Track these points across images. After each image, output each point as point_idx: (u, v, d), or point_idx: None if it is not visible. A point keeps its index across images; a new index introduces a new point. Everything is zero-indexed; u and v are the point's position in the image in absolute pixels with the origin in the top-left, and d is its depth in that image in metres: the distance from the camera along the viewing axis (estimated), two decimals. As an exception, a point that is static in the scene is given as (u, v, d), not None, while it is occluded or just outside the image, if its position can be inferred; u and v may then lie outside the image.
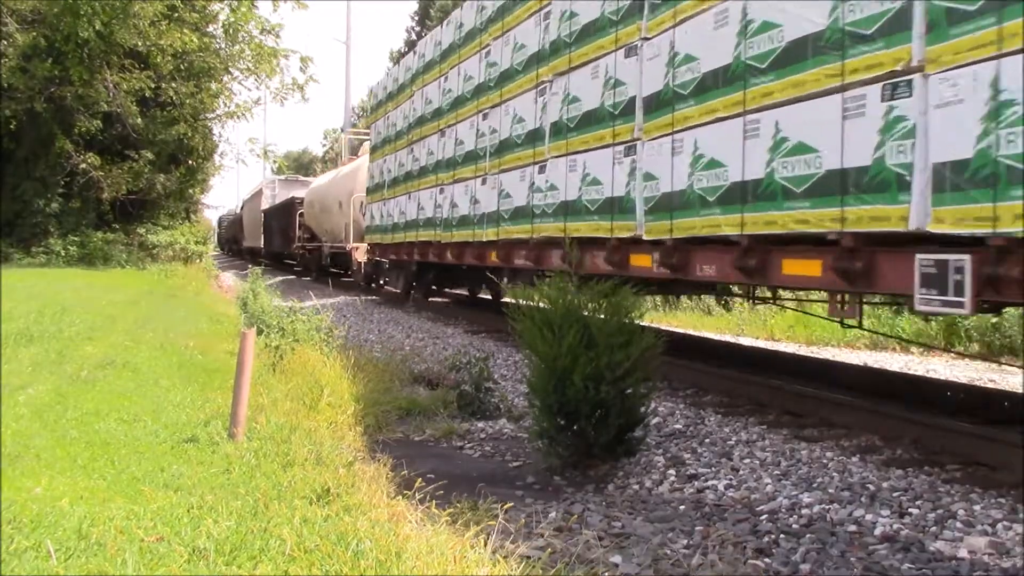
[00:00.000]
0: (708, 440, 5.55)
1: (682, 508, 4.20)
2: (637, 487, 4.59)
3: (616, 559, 3.46)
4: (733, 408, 6.61)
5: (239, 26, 22.21)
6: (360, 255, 19.03)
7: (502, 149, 9.68)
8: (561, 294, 4.96)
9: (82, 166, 21.56)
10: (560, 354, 4.69)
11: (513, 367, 8.64)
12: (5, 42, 20.55)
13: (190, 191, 25.31)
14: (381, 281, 19.35)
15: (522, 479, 4.80)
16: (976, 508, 4.12)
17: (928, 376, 8.30)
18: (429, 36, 13.68)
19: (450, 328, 12.53)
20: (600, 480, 4.72)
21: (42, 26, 20.51)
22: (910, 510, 4.09)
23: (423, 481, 4.07)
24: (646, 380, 4.85)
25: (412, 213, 13.66)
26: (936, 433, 5.33)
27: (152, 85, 21.26)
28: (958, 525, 3.89)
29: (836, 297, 5.46)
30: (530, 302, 5.34)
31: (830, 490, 4.42)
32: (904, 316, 10.78)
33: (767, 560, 3.48)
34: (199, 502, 3.46)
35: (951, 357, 10.13)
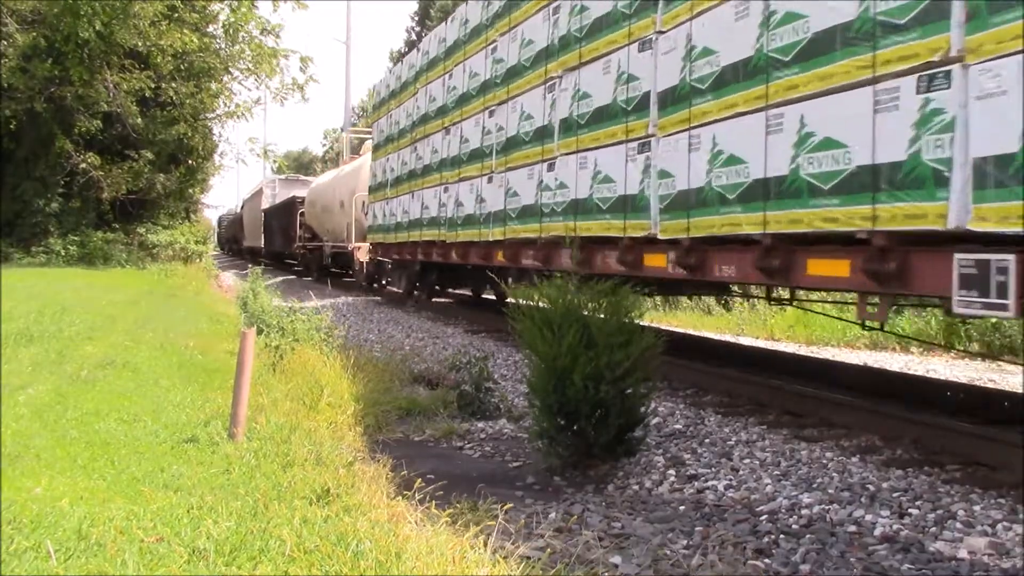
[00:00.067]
0: (708, 440, 5.55)
1: (682, 508, 4.20)
2: (637, 487, 4.59)
3: (616, 559, 3.46)
4: (733, 408, 6.61)
5: (239, 26, 22.22)
6: (362, 255, 18.82)
7: (509, 147, 9.52)
8: (561, 294, 4.96)
9: (82, 166, 21.58)
10: (560, 354, 4.69)
11: (513, 367, 8.64)
12: (5, 42, 20.56)
13: (190, 191, 25.33)
14: (383, 281, 19.16)
15: (522, 479, 4.80)
16: (976, 508, 4.12)
17: (928, 376, 8.30)
18: (433, 33, 13.46)
19: (450, 328, 12.53)
20: (600, 480, 4.72)
21: (42, 26, 20.52)
22: (910, 510, 4.09)
23: (423, 481, 4.07)
24: (646, 380, 4.84)
25: (416, 212, 13.48)
26: (936, 433, 5.33)
27: (152, 85, 21.27)
28: (958, 525, 3.89)
29: (865, 299, 5.25)
30: (530, 302, 5.33)
31: (830, 490, 4.42)
32: (904, 316, 10.78)
33: (767, 560, 3.48)
34: (199, 502, 3.46)
35: (951, 357, 10.13)
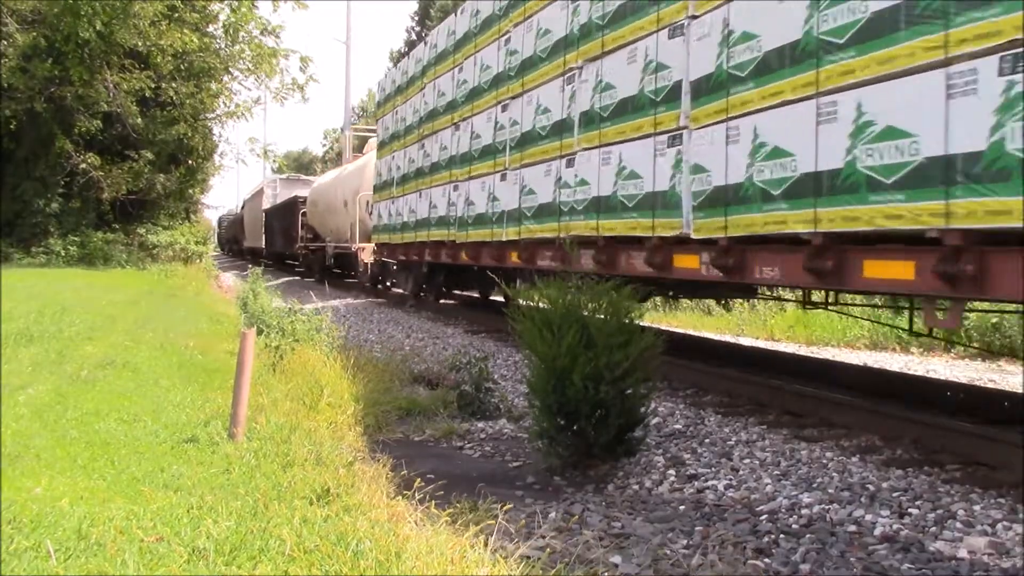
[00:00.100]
0: (708, 440, 5.55)
1: (682, 508, 4.20)
2: (637, 487, 4.59)
3: (616, 559, 3.46)
4: (733, 408, 6.61)
5: (239, 26, 22.23)
6: (366, 256, 18.45)
7: (524, 142, 9.17)
8: (561, 294, 4.96)
9: (82, 166, 21.60)
10: (559, 354, 4.69)
11: (513, 367, 8.64)
12: (5, 42, 20.58)
13: (190, 191, 25.36)
14: (387, 283, 18.77)
15: (522, 479, 4.80)
16: (976, 508, 4.12)
17: (928, 376, 8.31)
18: (442, 25, 13.06)
19: (450, 328, 12.53)
20: (600, 480, 4.72)
21: (42, 26, 20.54)
22: (910, 510, 4.09)
23: (423, 481, 4.07)
24: (646, 380, 4.84)
25: (423, 211, 13.10)
26: (936, 433, 5.32)
27: (152, 85, 21.29)
28: (958, 525, 3.89)
29: (933, 304, 4.88)
30: (530, 302, 5.33)
31: (830, 490, 4.42)
32: (904, 316, 10.77)
33: (767, 560, 3.48)
34: (199, 502, 3.47)
35: (951, 357, 10.13)
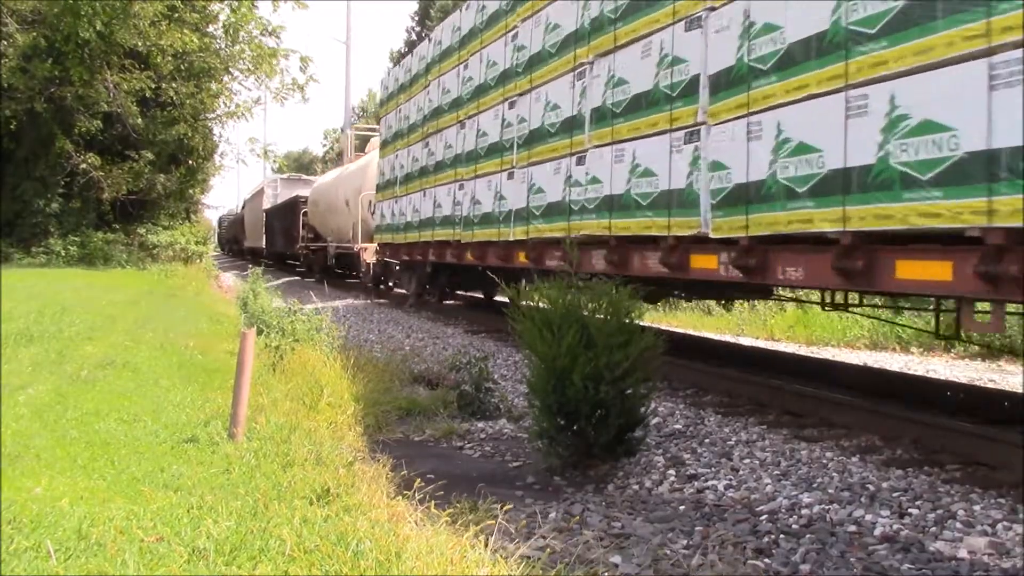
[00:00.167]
0: (708, 440, 5.55)
1: (682, 508, 4.20)
2: (637, 487, 4.59)
3: (616, 559, 3.46)
4: (733, 408, 6.61)
5: (239, 26, 22.23)
6: (369, 256, 18.15)
7: (532, 140, 8.96)
8: (561, 294, 4.96)
9: (82, 166, 21.60)
10: (559, 354, 4.69)
11: (513, 367, 8.64)
12: (5, 42, 20.58)
13: (190, 191, 25.35)
14: (390, 283, 18.49)
15: (522, 479, 4.80)
16: (976, 508, 4.12)
17: (928, 376, 8.30)
18: (447, 21, 12.76)
19: (450, 328, 12.53)
20: (600, 480, 4.72)
21: (42, 26, 20.54)
22: (910, 510, 4.09)
23: (423, 481, 4.07)
24: (646, 380, 4.84)
25: (427, 211, 12.90)
26: (936, 433, 5.32)
27: (152, 85, 21.29)
28: (958, 525, 3.89)
29: (971, 307, 4.69)
30: (531, 302, 5.33)
31: (830, 490, 4.42)
32: (904, 317, 10.78)
33: (767, 560, 3.48)
34: (199, 502, 3.47)
35: (951, 357, 10.13)
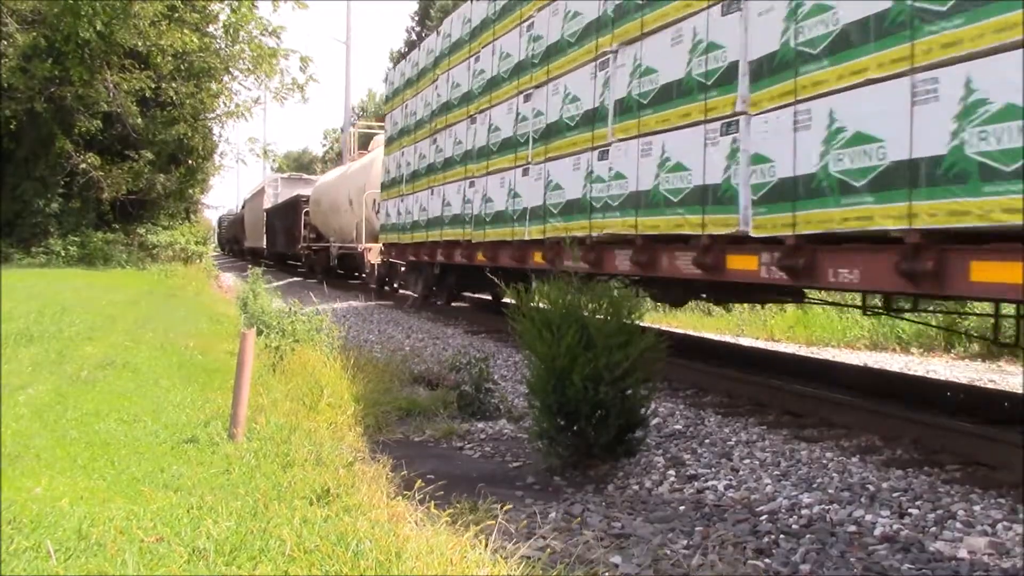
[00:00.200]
0: (708, 440, 5.55)
1: (682, 508, 4.21)
2: (637, 487, 4.59)
3: (616, 559, 3.46)
4: (733, 408, 6.61)
5: (239, 26, 22.23)
6: (373, 256, 17.68)
7: (549, 134, 8.51)
8: (561, 294, 4.96)
9: (82, 166, 21.60)
10: (559, 354, 4.69)
11: (513, 367, 8.64)
12: (5, 42, 20.58)
13: (190, 191, 25.34)
14: (395, 284, 17.97)
15: (522, 479, 4.80)
16: (976, 508, 4.12)
17: (928, 376, 8.31)
18: (456, 13, 12.25)
19: (450, 328, 12.53)
20: (600, 480, 4.72)
21: (42, 26, 20.54)
22: (910, 510, 4.09)
23: (423, 481, 4.07)
24: (646, 381, 4.84)
25: (436, 210, 12.46)
26: (936, 433, 5.32)
27: (152, 85, 21.29)
28: (958, 525, 3.89)
29: None
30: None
31: (830, 490, 4.42)
32: (903, 317, 10.77)
33: (767, 560, 3.48)
34: (199, 502, 3.47)
35: (951, 357, 10.13)
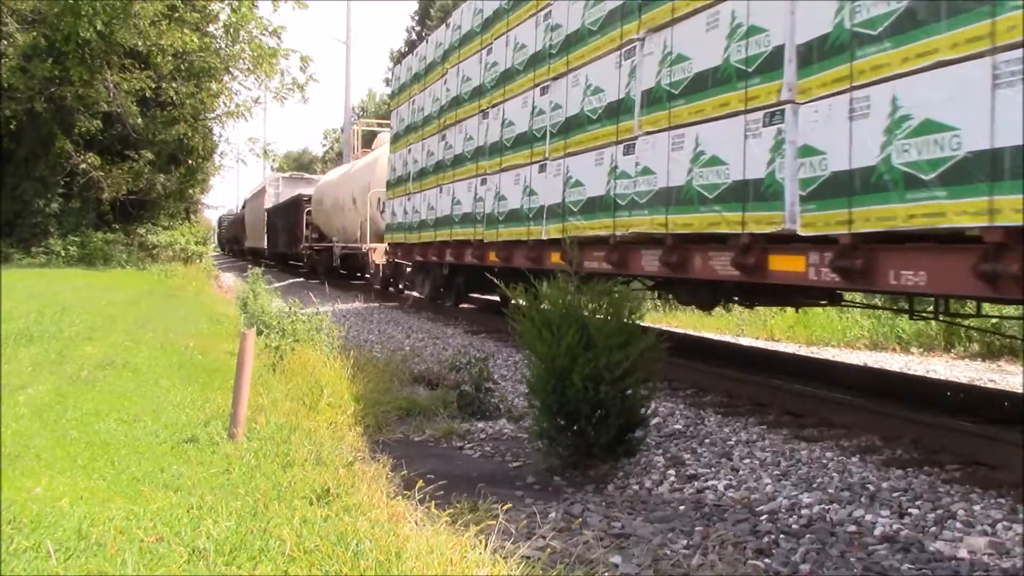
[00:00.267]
0: (708, 440, 5.55)
1: (682, 508, 4.21)
2: (637, 487, 4.59)
3: (616, 559, 3.46)
4: (733, 408, 6.61)
5: (239, 26, 22.24)
6: (378, 257, 17.32)
7: (569, 128, 8.08)
8: (561, 294, 4.96)
9: (82, 166, 21.61)
10: (559, 354, 4.69)
11: (513, 367, 8.64)
12: (5, 42, 20.59)
13: (190, 191, 25.35)
14: (400, 285, 17.62)
15: (522, 479, 4.80)
16: (976, 508, 4.12)
17: (928, 376, 8.30)
18: (466, 5, 11.81)
19: (450, 328, 12.53)
20: (600, 480, 4.72)
21: (42, 26, 20.55)
22: (910, 510, 4.09)
23: (423, 481, 4.07)
24: (646, 381, 4.84)
25: (445, 208, 12.03)
26: (936, 433, 5.32)
27: (152, 85, 21.29)
28: (958, 525, 3.89)
29: None
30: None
31: (830, 490, 4.42)
32: (904, 317, 10.78)
33: (767, 560, 3.48)
34: (199, 502, 3.47)
35: (951, 357, 10.13)
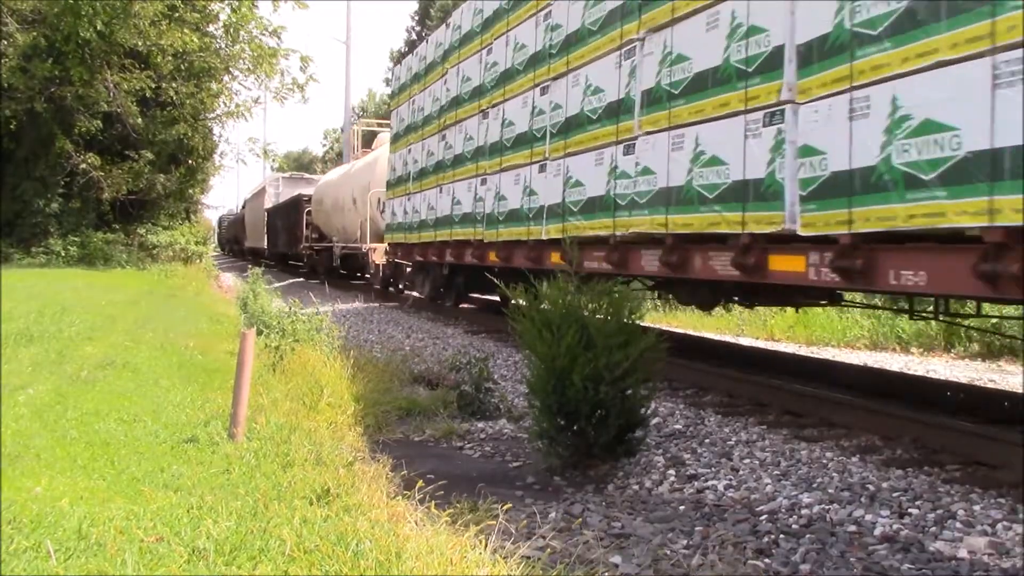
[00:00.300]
0: (708, 440, 5.55)
1: (682, 508, 4.21)
2: (637, 487, 4.59)
3: (616, 559, 3.46)
4: (733, 408, 6.61)
5: (239, 26, 22.24)
6: (378, 257, 17.31)
7: (569, 128, 8.11)
8: (560, 294, 4.96)
9: (82, 166, 21.61)
10: (559, 354, 4.69)
11: (513, 367, 8.64)
12: (5, 42, 20.59)
13: (190, 191, 25.35)
14: (400, 286, 17.57)
15: (522, 479, 4.80)
16: (976, 508, 4.12)
17: (928, 376, 8.30)
18: (465, 5, 11.87)
19: (450, 328, 12.53)
20: (600, 480, 4.72)
21: (42, 26, 20.55)
22: (910, 510, 4.09)
23: (423, 481, 4.07)
24: (646, 381, 4.84)
25: (445, 208, 12.06)
26: (936, 433, 5.33)
27: (152, 85, 21.29)
28: (958, 525, 3.89)
29: None
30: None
31: (830, 490, 4.42)
32: (903, 317, 10.78)
33: (767, 560, 3.48)
34: (199, 502, 3.47)
35: (951, 357, 10.13)
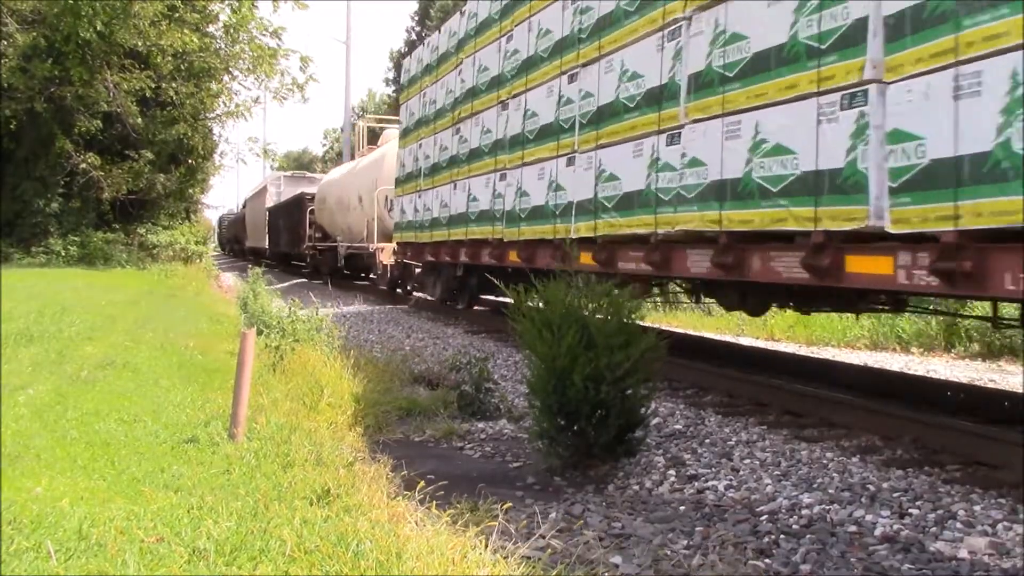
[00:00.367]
0: (708, 440, 5.55)
1: (682, 508, 4.20)
2: (637, 487, 4.59)
3: (616, 559, 3.46)
4: (733, 408, 6.61)
5: (239, 26, 22.25)
6: (386, 257, 16.68)
7: (601, 118, 7.54)
8: (561, 294, 4.96)
9: (82, 166, 21.62)
10: (559, 354, 4.69)
11: (513, 367, 8.64)
12: (5, 42, 20.59)
13: (190, 191, 25.39)
14: (408, 287, 17.01)
15: (522, 479, 4.80)
16: (976, 508, 4.12)
17: (928, 376, 8.30)
18: None
19: (450, 328, 12.53)
20: (600, 480, 4.72)
21: (42, 26, 20.56)
22: (910, 510, 4.09)
23: (423, 482, 4.07)
24: (647, 381, 4.84)
25: (459, 206, 11.43)
26: (936, 433, 5.33)
27: (152, 85, 21.31)
28: (958, 525, 3.89)
29: None
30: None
31: (830, 490, 4.42)
32: (904, 317, 10.78)
33: (767, 561, 3.48)
34: (199, 503, 3.47)
35: (951, 357, 10.13)
